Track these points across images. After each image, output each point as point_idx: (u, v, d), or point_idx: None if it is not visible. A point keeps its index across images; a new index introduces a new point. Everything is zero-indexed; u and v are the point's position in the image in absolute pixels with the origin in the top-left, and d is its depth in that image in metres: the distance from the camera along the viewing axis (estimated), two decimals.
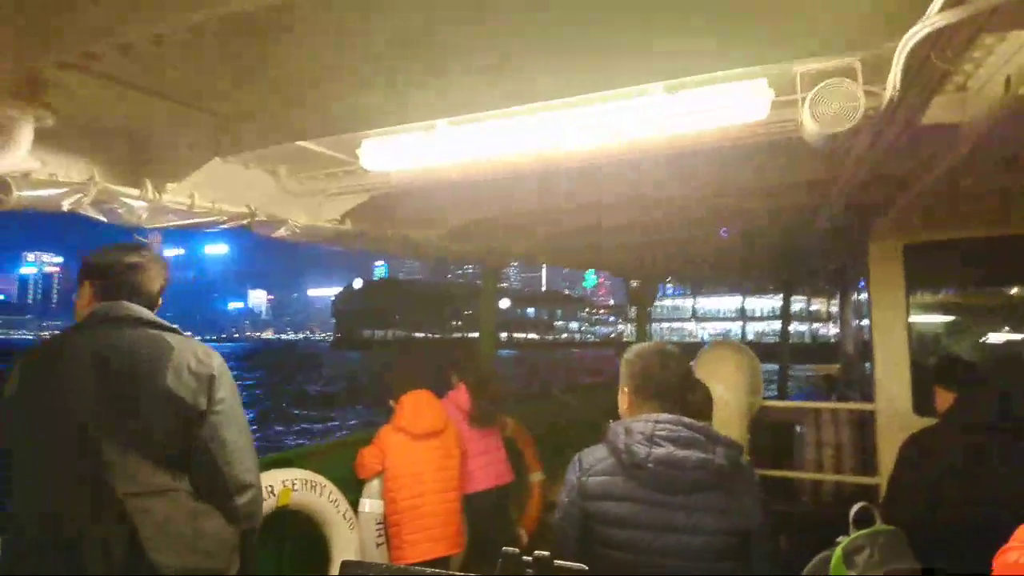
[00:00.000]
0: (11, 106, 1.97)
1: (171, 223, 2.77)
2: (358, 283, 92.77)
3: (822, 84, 2.11)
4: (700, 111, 2.23)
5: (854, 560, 2.09)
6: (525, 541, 4.70)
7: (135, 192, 2.57)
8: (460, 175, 3.05)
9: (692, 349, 4.42)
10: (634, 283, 7.74)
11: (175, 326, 2.15)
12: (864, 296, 5.18)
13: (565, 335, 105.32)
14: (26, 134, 2.04)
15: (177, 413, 1.99)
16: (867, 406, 4.79)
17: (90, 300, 2.14)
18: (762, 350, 5.05)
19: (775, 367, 8.31)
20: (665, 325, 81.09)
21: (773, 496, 2.13)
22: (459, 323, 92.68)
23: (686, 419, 1.96)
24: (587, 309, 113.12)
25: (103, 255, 2.19)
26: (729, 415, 4.30)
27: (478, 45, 1.99)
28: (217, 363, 2.09)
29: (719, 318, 76.19)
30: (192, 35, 1.72)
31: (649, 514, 1.89)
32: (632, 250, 6.35)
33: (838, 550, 2.17)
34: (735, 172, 3.47)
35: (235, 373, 2.20)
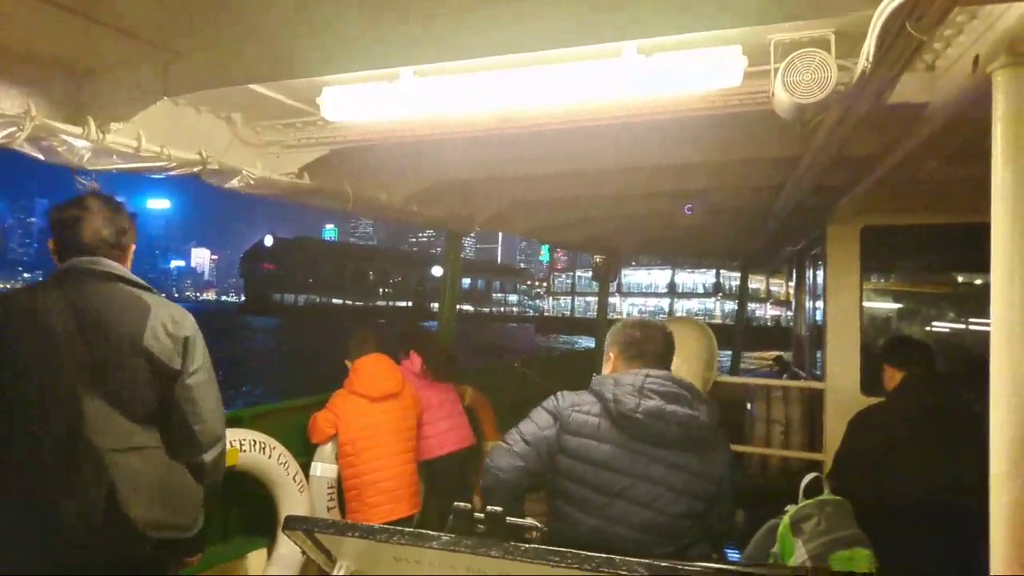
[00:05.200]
0: None
1: (115, 166, 2.61)
2: (269, 240, 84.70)
3: (795, 53, 2.08)
4: (674, 74, 2.18)
5: (801, 527, 2.13)
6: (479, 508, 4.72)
7: (76, 130, 2.39)
8: (424, 133, 2.95)
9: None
10: (597, 258, 7.75)
11: (150, 285, 2.15)
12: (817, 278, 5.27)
13: (504, 308, 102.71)
14: None
15: (154, 372, 2.03)
16: (816, 384, 4.91)
17: (58, 253, 2.16)
18: None
19: None
20: (591, 299, 71.63)
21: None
22: (386, 290, 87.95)
23: (675, 376, 2.01)
24: (528, 282, 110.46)
25: (64, 209, 2.19)
26: None
27: None
28: (190, 324, 2.14)
29: (646, 293, 70.14)
30: None
31: (628, 460, 1.93)
32: (597, 223, 6.34)
33: (786, 518, 2.21)
34: (705, 145, 3.45)
35: None
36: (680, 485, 1.92)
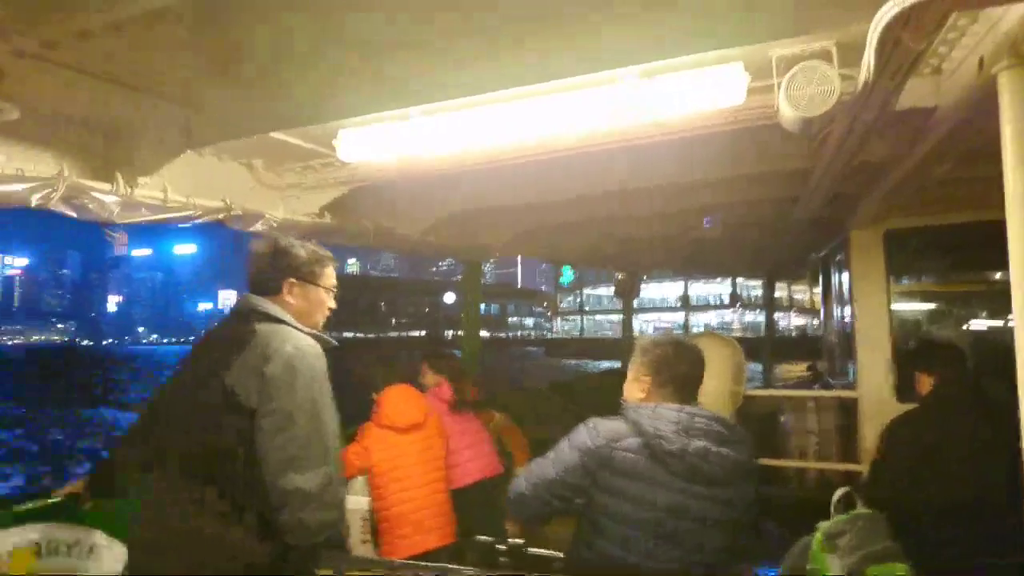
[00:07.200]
0: None
1: (144, 218, 2.72)
2: None
3: (797, 67, 2.10)
4: (677, 96, 2.21)
5: (835, 543, 2.09)
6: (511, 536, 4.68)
7: (106, 187, 2.51)
8: (438, 167, 3.02)
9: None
10: (619, 275, 7.75)
11: (286, 318, 2.07)
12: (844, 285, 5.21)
13: (520, 332, 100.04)
14: None
15: (230, 410, 1.89)
16: (850, 393, 4.82)
17: None
18: None
19: None
20: (600, 318, 69.36)
21: (760, 483, 2.16)
22: (402, 321, 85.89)
23: (720, 416, 2.00)
24: (544, 303, 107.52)
25: None
26: (714, 403, 4.32)
27: (452, 30, 1.96)
28: (283, 362, 1.90)
29: (659, 308, 65.86)
30: (153, 21, 1.67)
31: (666, 498, 1.91)
32: (615, 243, 6.35)
33: (818, 534, 2.17)
34: (718, 162, 3.46)
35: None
36: (715, 519, 1.91)
